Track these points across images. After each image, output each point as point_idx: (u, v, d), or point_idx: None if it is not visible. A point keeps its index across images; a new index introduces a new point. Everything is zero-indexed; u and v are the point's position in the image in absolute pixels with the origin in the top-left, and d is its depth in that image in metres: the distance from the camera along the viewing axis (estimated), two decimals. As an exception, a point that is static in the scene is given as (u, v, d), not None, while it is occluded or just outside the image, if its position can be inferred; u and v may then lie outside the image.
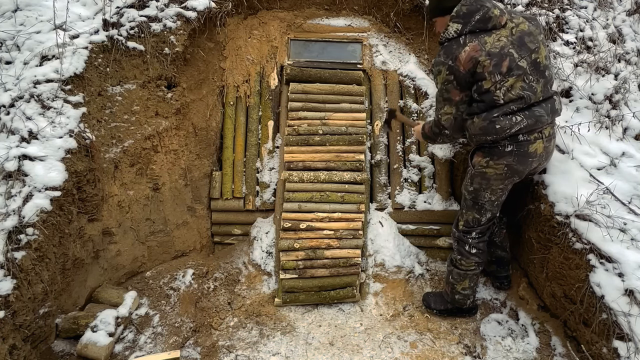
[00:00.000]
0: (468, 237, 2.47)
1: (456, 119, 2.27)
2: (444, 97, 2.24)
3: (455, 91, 2.19)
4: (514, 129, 2.15)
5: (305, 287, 2.78)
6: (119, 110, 2.80)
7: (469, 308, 2.66)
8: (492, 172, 2.27)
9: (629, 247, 2.20)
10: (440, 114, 2.29)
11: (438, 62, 2.21)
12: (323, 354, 2.43)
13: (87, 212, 2.60)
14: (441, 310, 2.68)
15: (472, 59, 2.10)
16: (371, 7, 3.59)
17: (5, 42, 2.68)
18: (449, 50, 2.16)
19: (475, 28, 2.12)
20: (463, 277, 2.52)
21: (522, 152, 2.21)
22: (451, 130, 2.30)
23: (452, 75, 2.15)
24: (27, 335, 2.07)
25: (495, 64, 2.10)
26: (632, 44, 3.15)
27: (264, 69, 3.38)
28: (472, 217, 2.44)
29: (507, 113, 2.14)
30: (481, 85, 2.13)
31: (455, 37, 2.15)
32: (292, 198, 2.95)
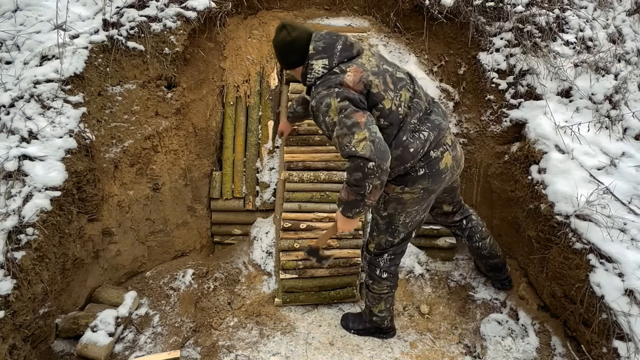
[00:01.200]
0: (379, 259, 2.32)
1: (374, 142, 1.78)
2: (348, 125, 1.80)
3: (357, 113, 1.82)
4: (426, 147, 1.99)
5: (305, 287, 2.78)
6: (119, 110, 2.80)
7: (387, 328, 2.54)
8: (409, 197, 2.09)
9: (629, 247, 2.20)
10: (353, 146, 1.77)
11: (321, 97, 1.90)
12: (323, 354, 2.43)
13: (87, 212, 2.60)
14: (359, 330, 2.58)
15: (361, 80, 1.89)
16: (371, 7, 3.59)
17: (5, 42, 2.68)
18: (326, 82, 1.91)
19: (343, 58, 1.95)
20: (378, 300, 2.40)
21: (435, 171, 2.04)
22: (378, 158, 1.76)
23: (345, 100, 1.85)
24: (27, 335, 2.07)
25: (384, 81, 1.95)
26: (632, 44, 3.15)
27: (264, 69, 3.38)
28: (384, 240, 2.26)
29: (414, 131, 1.97)
30: (383, 107, 1.93)
31: (326, 72, 1.95)
32: (292, 198, 2.95)
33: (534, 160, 2.77)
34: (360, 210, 1.93)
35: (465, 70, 3.39)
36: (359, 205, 1.90)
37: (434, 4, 3.30)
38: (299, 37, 2.01)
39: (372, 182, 1.80)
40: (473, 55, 3.33)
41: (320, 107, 1.91)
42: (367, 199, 1.86)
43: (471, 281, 3.01)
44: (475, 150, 3.32)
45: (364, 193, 1.83)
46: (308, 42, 2.00)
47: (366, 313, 2.52)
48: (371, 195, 1.85)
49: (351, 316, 2.66)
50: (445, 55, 3.48)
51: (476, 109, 3.33)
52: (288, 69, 2.18)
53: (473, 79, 3.35)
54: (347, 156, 1.83)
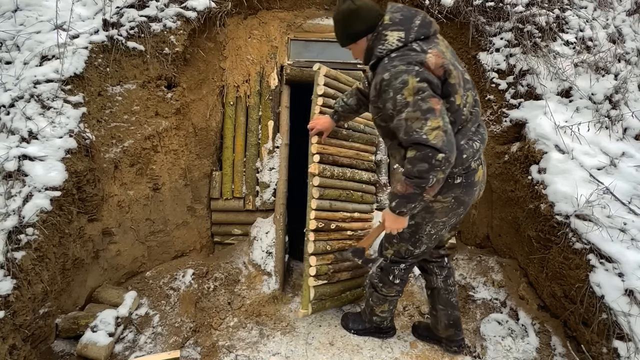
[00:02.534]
0: (394, 267, 2.23)
1: (447, 133, 1.69)
2: (423, 109, 1.68)
3: (434, 99, 1.70)
4: (476, 156, 1.92)
5: (332, 293, 2.65)
6: (119, 110, 2.80)
7: (387, 328, 2.51)
8: (439, 206, 1.99)
9: (629, 247, 2.20)
10: (425, 133, 1.67)
11: (397, 72, 1.72)
12: (323, 354, 2.43)
13: (87, 212, 2.59)
14: (359, 330, 2.54)
15: (442, 66, 1.75)
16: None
17: (5, 42, 2.68)
18: (404, 57, 1.74)
19: (420, 35, 1.79)
20: (383, 301, 2.35)
21: (469, 182, 1.95)
22: (448, 150, 1.68)
23: (424, 82, 1.70)
24: (27, 335, 2.07)
25: (457, 75, 1.83)
26: (632, 44, 3.15)
27: (264, 69, 3.38)
28: (405, 248, 2.16)
29: (469, 139, 1.89)
30: (454, 102, 1.80)
31: (401, 46, 1.78)
32: (325, 195, 2.62)
33: (534, 160, 2.77)
34: (415, 206, 1.81)
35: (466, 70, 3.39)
36: (416, 200, 1.78)
37: (434, 4, 3.30)
38: (364, 6, 1.86)
39: (436, 175, 1.70)
40: (473, 55, 3.33)
41: (394, 83, 1.73)
42: (426, 193, 1.74)
43: (471, 281, 3.01)
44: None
45: (425, 186, 1.72)
46: (374, 11, 1.86)
47: (366, 313, 2.50)
48: (431, 190, 1.75)
49: (351, 316, 2.64)
50: (445, 55, 3.47)
51: (476, 109, 3.33)
52: (349, 43, 1.97)
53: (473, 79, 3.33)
54: (414, 142, 1.70)
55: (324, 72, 2.69)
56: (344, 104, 2.42)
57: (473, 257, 3.22)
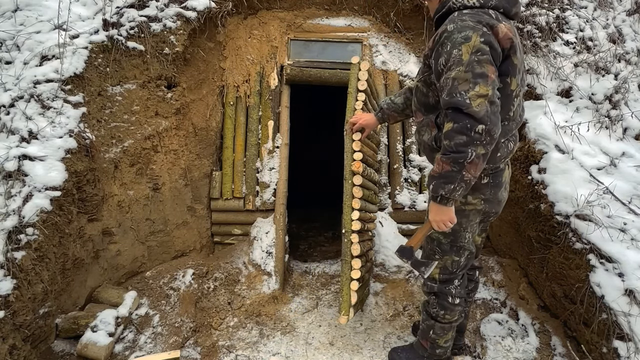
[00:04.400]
0: (450, 287, 2.03)
1: (493, 104, 1.52)
2: (476, 72, 1.51)
3: (491, 67, 1.54)
4: (509, 157, 1.87)
5: (361, 296, 2.53)
6: (119, 110, 2.80)
7: (447, 358, 2.26)
8: (472, 208, 1.89)
9: (629, 247, 2.20)
10: (469, 97, 1.50)
11: (463, 26, 1.56)
12: (323, 354, 2.43)
13: (87, 212, 2.59)
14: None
15: (510, 40, 1.60)
16: (371, 7, 3.59)
17: (5, 42, 2.68)
18: (476, 16, 1.60)
19: (500, 5, 1.66)
20: (447, 330, 2.12)
21: (497, 182, 1.88)
22: (491, 122, 1.50)
23: (487, 45, 1.54)
24: (27, 335, 2.07)
25: (521, 63, 1.70)
26: (632, 44, 3.15)
27: (264, 69, 3.38)
28: (450, 261, 1.99)
29: (508, 138, 1.80)
30: (509, 84, 1.66)
31: (477, 6, 1.64)
32: (364, 195, 2.53)
33: (534, 160, 2.77)
34: (455, 187, 1.58)
35: (465, 70, 3.39)
36: (455, 180, 1.57)
37: (434, 4, 3.29)
38: None
39: (476, 149, 1.51)
40: (473, 55, 3.33)
41: (456, 36, 1.56)
42: (466, 171, 1.54)
43: (471, 281, 3.01)
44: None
45: (463, 162, 1.52)
46: None
47: (426, 348, 2.21)
48: (472, 167, 1.54)
49: (402, 351, 2.33)
50: (445, 55, 3.47)
51: (476, 109, 3.33)
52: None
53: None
54: (454, 106, 1.53)
55: (366, 67, 2.52)
56: (390, 102, 2.25)
57: (473, 257, 3.22)
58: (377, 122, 2.35)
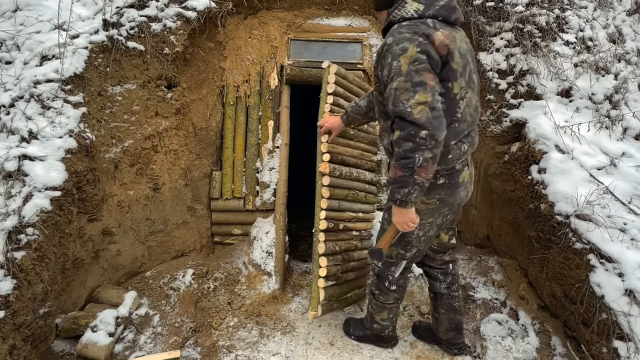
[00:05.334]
0: (388, 273, 2.20)
1: (434, 110, 1.61)
2: (415, 81, 1.62)
3: (429, 74, 1.63)
4: (461, 159, 1.90)
5: (340, 294, 2.63)
6: (119, 110, 2.80)
7: (388, 337, 2.44)
8: (424, 207, 1.96)
9: (629, 247, 2.20)
10: (410, 106, 1.60)
11: (400, 38, 1.67)
12: (323, 354, 2.43)
13: (87, 212, 2.59)
14: (359, 337, 2.50)
15: (447, 46, 1.69)
16: (371, 7, 3.59)
17: (5, 42, 2.68)
18: (413, 27, 1.70)
19: (438, 14, 1.76)
20: (381, 309, 2.31)
21: (454, 183, 1.93)
22: (433, 127, 1.60)
23: (424, 54, 1.64)
24: (27, 335, 2.07)
25: (463, 66, 1.78)
26: (632, 44, 3.15)
27: (264, 69, 3.38)
28: (396, 252, 2.14)
29: (460, 140, 1.84)
30: (450, 89, 1.74)
31: (415, 17, 1.75)
32: (334, 195, 2.61)
33: (534, 160, 2.77)
34: (409, 190, 1.69)
35: (465, 70, 3.39)
36: (408, 184, 1.67)
37: (434, 4, 3.29)
38: None
39: (423, 154, 1.61)
40: (473, 55, 3.33)
41: (394, 48, 1.68)
42: (416, 175, 1.65)
43: (471, 281, 3.01)
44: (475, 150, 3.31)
45: (412, 167, 1.63)
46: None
47: (367, 319, 2.46)
48: (422, 171, 1.65)
49: (353, 321, 2.60)
50: (445, 55, 3.47)
51: (476, 109, 3.33)
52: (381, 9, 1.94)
53: (473, 79, 3.35)
54: (398, 115, 1.64)
55: (334, 70, 2.65)
56: (355, 105, 2.39)
57: (473, 257, 3.22)
58: (342, 125, 2.47)
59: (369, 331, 2.47)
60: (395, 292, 2.26)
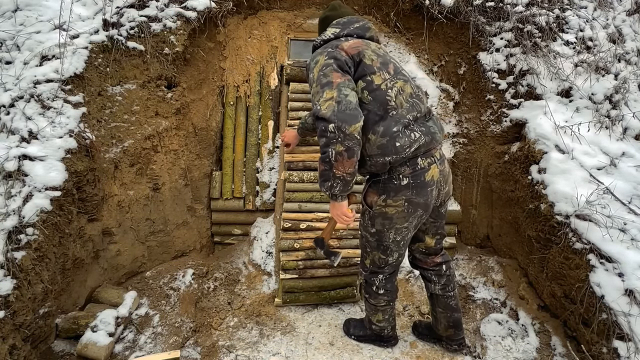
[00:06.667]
0: (374, 278, 2.22)
1: (340, 103, 1.68)
2: (323, 83, 1.75)
3: (336, 74, 1.77)
4: (413, 147, 1.85)
5: (306, 287, 2.78)
6: (119, 110, 2.80)
7: (388, 337, 2.46)
8: (394, 211, 1.95)
9: (629, 247, 2.20)
10: (319, 104, 1.71)
11: (314, 55, 1.92)
12: (323, 354, 2.43)
13: (87, 212, 2.59)
14: (359, 336, 2.52)
15: (356, 48, 1.88)
16: (371, 7, 3.59)
17: (5, 42, 2.68)
18: (327, 45, 1.94)
19: (353, 33, 2.00)
20: (375, 311, 2.35)
21: (420, 182, 1.91)
22: (339, 119, 1.66)
23: (331, 59, 1.81)
24: (27, 335, 2.07)
25: (382, 62, 1.91)
26: (632, 44, 3.15)
27: (264, 69, 3.38)
28: (377, 257, 2.14)
29: (406, 126, 1.85)
30: (371, 81, 1.84)
31: (333, 38, 1.99)
32: (293, 198, 2.94)
33: (534, 160, 2.77)
34: (332, 184, 1.78)
35: (465, 70, 3.39)
36: (329, 177, 1.76)
37: (434, 4, 3.30)
38: (332, 15, 2.12)
39: (335, 147, 1.68)
40: (473, 55, 3.34)
41: (311, 64, 1.90)
42: (335, 168, 1.73)
43: (471, 281, 3.01)
44: (475, 150, 3.32)
45: (329, 161, 1.72)
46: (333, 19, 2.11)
47: (366, 320, 2.49)
48: (339, 165, 1.72)
49: (353, 322, 2.61)
50: (445, 55, 3.48)
51: (476, 109, 3.33)
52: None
53: (473, 79, 3.35)
54: (314, 116, 1.75)
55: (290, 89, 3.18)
56: (304, 122, 2.70)
57: (473, 257, 3.22)
58: (298, 137, 2.86)
59: (369, 331, 2.49)
60: (385, 295, 2.27)
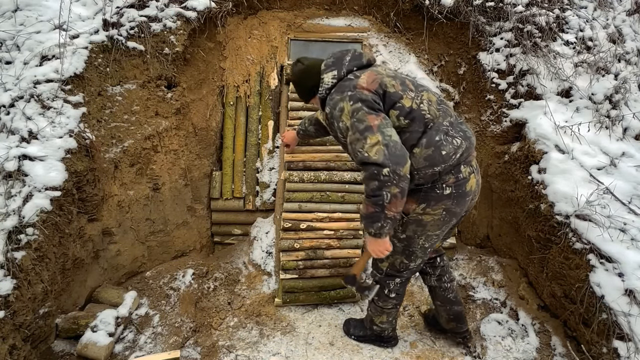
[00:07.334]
0: (390, 281, 2.21)
1: (388, 146, 1.69)
2: (361, 129, 1.73)
3: (370, 116, 1.75)
4: (458, 154, 1.86)
5: (306, 287, 2.78)
6: (119, 110, 2.80)
7: (388, 337, 2.47)
8: (430, 219, 1.95)
9: (629, 247, 2.20)
10: (366, 151, 1.70)
11: (334, 103, 1.86)
12: (323, 354, 2.43)
13: (87, 212, 2.59)
14: (359, 337, 2.52)
15: (375, 81, 1.84)
16: (371, 7, 3.59)
17: (5, 42, 2.68)
18: (340, 88, 1.88)
19: (352, 67, 1.94)
20: (380, 313, 2.33)
21: (461, 192, 1.91)
22: (392, 163, 1.67)
23: (357, 102, 1.78)
24: (27, 335, 2.07)
25: (401, 83, 1.89)
26: (632, 44, 3.15)
27: (264, 69, 3.38)
28: (400, 261, 2.12)
29: (446, 133, 1.85)
30: (402, 106, 1.83)
31: (336, 82, 1.93)
32: (293, 198, 2.93)
33: (534, 160, 2.77)
34: (382, 224, 1.77)
35: (465, 70, 3.39)
36: (380, 219, 1.75)
37: (434, 4, 3.30)
38: (312, 64, 2.05)
39: (389, 190, 1.68)
40: (473, 55, 3.34)
41: (334, 113, 1.86)
42: (387, 210, 1.72)
43: (471, 281, 3.01)
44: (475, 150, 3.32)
45: (382, 203, 1.70)
46: (318, 65, 2.02)
47: (367, 321, 2.47)
48: (392, 206, 1.72)
49: (353, 322, 2.61)
50: (445, 55, 3.48)
51: (476, 109, 3.33)
52: (310, 99, 2.15)
53: (473, 79, 3.35)
54: (360, 163, 1.75)
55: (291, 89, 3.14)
56: (305, 129, 2.69)
57: (473, 257, 3.22)
58: (297, 139, 2.86)
59: (369, 331, 2.49)
60: (395, 299, 2.27)
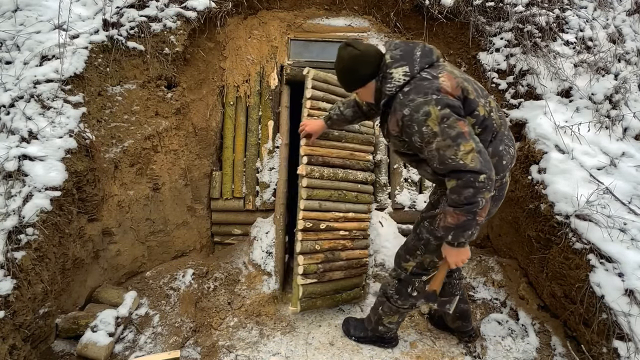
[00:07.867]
0: (415, 279, 2.18)
1: (482, 153, 1.68)
2: (452, 136, 1.67)
3: (460, 122, 1.69)
4: (512, 163, 1.93)
5: (323, 292, 2.68)
6: (119, 110, 2.80)
7: (389, 338, 2.47)
8: None
9: (629, 247, 2.20)
10: (461, 158, 1.65)
11: (417, 105, 1.71)
12: (323, 354, 2.43)
13: (87, 212, 2.59)
14: (360, 338, 2.51)
15: (458, 86, 1.77)
16: (371, 7, 3.59)
17: (5, 42, 2.68)
18: (419, 89, 1.74)
19: (424, 64, 1.81)
20: (394, 313, 2.30)
21: (500, 195, 1.97)
22: (487, 169, 1.65)
23: (446, 108, 1.69)
24: (27, 335, 2.07)
25: (474, 88, 1.85)
26: (632, 44, 3.15)
27: (264, 69, 3.38)
28: (430, 260, 2.12)
29: (505, 144, 1.89)
30: (478, 114, 1.81)
31: (409, 79, 1.78)
32: (314, 195, 2.69)
33: (534, 160, 2.77)
34: (472, 232, 1.76)
35: (465, 70, 3.39)
36: (472, 226, 1.73)
37: (434, 4, 3.30)
38: (369, 51, 1.88)
39: (484, 195, 1.66)
40: (473, 55, 3.34)
41: (416, 116, 1.72)
42: (479, 216, 1.70)
43: (471, 281, 3.01)
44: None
45: (476, 210, 1.68)
46: (376, 53, 1.89)
47: (371, 321, 2.43)
48: (482, 212, 1.71)
49: (352, 322, 2.58)
50: (445, 55, 3.48)
51: (476, 109, 3.33)
52: (358, 88, 1.97)
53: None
54: (452, 170, 1.68)
55: (311, 76, 2.81)
56: (340, 113, 2.45)
57: (473, 257, 3.22)
58: (323, 127, 2.60)
59: (371, 332, 2.47)
60: (415, 298, 2.20)
